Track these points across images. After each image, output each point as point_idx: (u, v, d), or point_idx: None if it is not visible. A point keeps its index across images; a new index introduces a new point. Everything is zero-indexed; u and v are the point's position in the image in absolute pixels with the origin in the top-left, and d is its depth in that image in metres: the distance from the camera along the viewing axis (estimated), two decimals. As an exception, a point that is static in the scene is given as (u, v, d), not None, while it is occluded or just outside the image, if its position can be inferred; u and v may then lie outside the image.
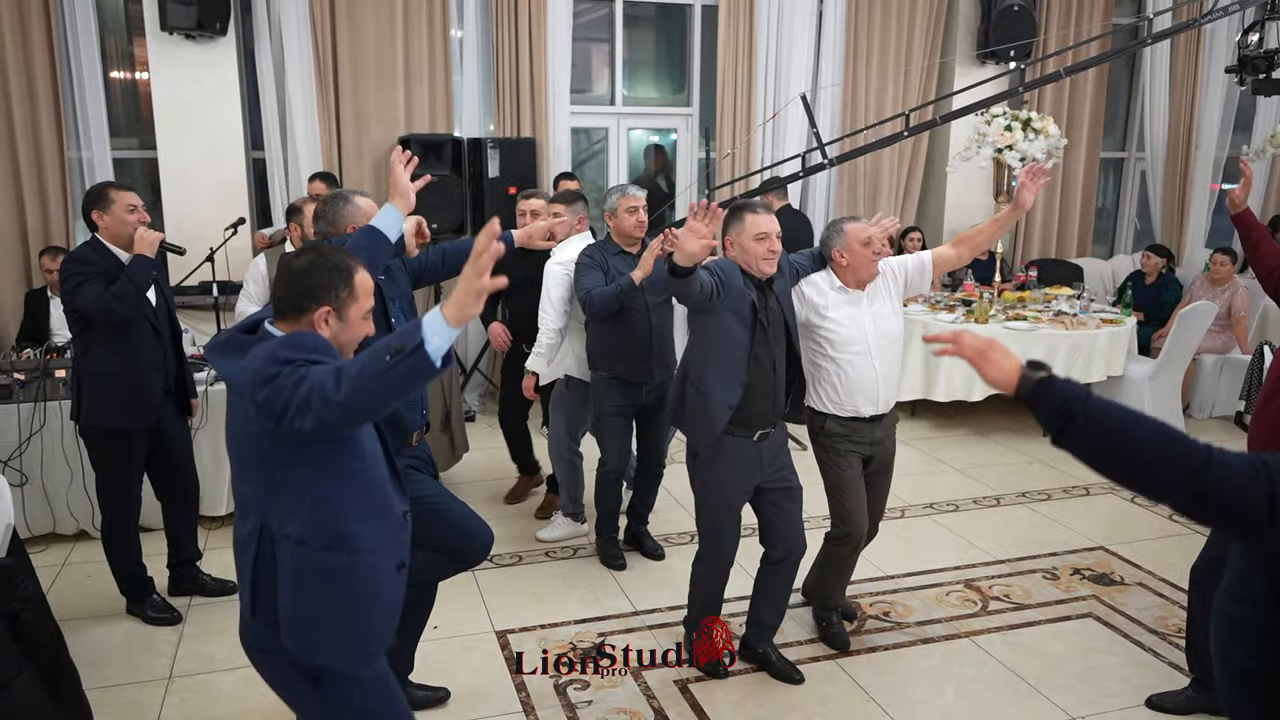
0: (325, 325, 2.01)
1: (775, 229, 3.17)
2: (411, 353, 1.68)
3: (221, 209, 5.94)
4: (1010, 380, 1.62)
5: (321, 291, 2.00)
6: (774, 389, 3.25)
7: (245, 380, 1.87)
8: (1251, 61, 4.89)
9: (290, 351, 1.87)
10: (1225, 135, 8.25)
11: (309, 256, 2.05)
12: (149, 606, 3.82)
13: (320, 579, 2.01)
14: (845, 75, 7.28)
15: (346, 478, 2.01)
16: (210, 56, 6.07)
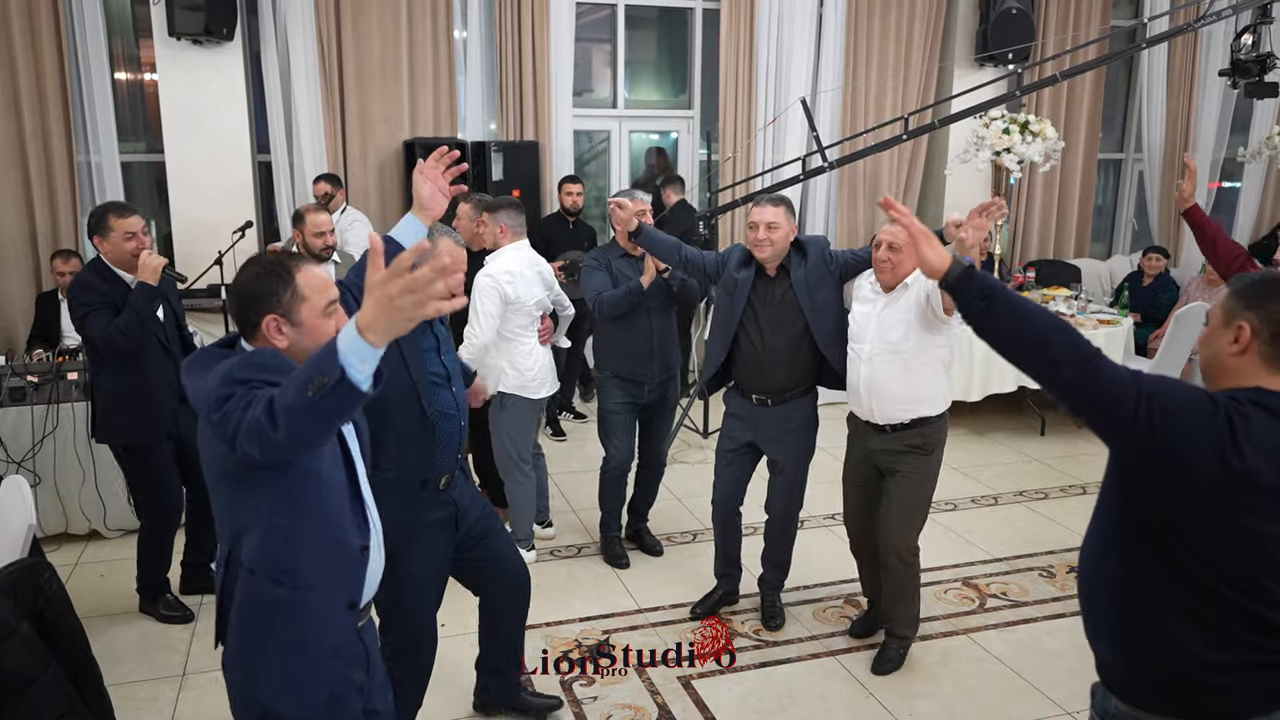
0: (279, 334, 1.92)
1: (764, 219, 3.46)
2: (335, 386, 1.53)
3: (228, 212, 6.02)
4: (945, 262, 1.83)
5: (262, 300, 1.91)
6: (762, 363, 3.57)
7: (202, 400, 1.81)
8: (1245, 65, 4.97)
9: (245, 371, 1.79)
10: (1223, 136, 8.32)
11: (246, 268, 1.98)
12: (162, 605, 3.89)
13: (264, 612, 1.92)
14: (845, 79, 7.35)
15: (299, 508, 1.90)
16: (217, 61, 6.14)
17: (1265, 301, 1.73)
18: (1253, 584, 1.68)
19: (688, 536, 4.71)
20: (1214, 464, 1.62)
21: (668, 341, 4.29)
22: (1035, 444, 6.19)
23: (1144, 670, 1.78)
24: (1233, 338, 1.75)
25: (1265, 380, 1.73)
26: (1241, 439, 1.62)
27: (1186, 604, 1.71)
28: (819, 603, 4.05)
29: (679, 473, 5.57)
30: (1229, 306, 1.78)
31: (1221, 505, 1.65)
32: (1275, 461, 1.63)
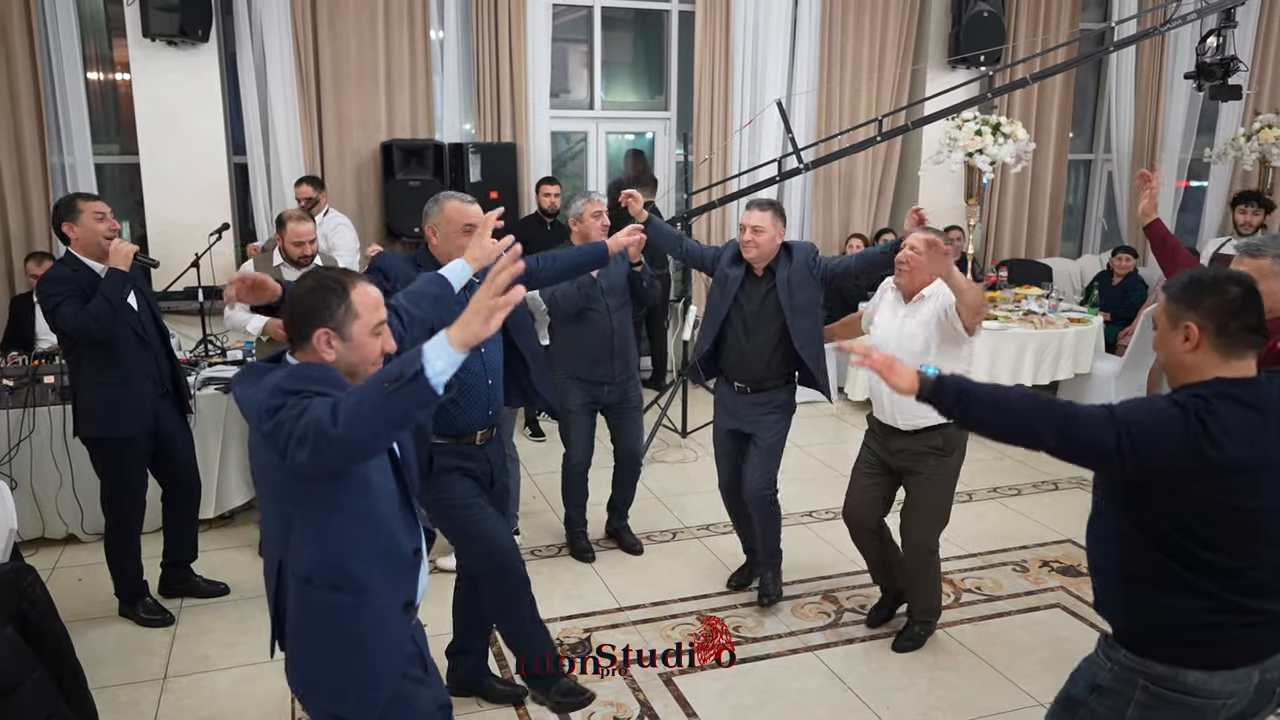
0: (329, 348, 1.95)
1: (750, 223, 3.67)
2: (410, 380, 1.60)
3: (204, 214, 5.99)
4: (914, 384, 1.94)
5: (316, 313, 1.94)
6: (744, 356, 3.80)
7: (253, 411, 1.84)
8: (1209, 68, 5.08)
9: (295, 383, 1.83)
10: (1189, 137, 8.47)
11: (304, 280, 2.01)
12: (142, 608, 3.89)
13: (324, 619, 1.97)
14: (820, 81, 7.42)
15: (354, 516, 1.96)
16: (192, 62, 6.12)
17: (1201, 299, 1.89)
18: (1247, 552, 1.88)
19: (667, 535, 4.75)
20: (1197, 465, 1.80)
21: (627, 342, 4.35)
22: (1008, 441, 6.28)
23: (1150, 631, 1.96)
24: (1183, 337, 1.90)
25: (1222, 369, 1.89)
26: (1216, 434, 1.79)
27: (1187, 582, 1.89)
28: (797, 599, 4.10)
29: (658, 472, 5.61)
30: (1171, 311, 1.93)
31: (1213, 495, 1.84)
32: (1250, 444, 1.82)
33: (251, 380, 1.93)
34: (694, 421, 6.27)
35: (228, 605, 4.04)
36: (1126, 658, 1.98)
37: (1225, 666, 1.90)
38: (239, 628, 3.84)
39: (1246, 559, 1.88)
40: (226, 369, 4.86)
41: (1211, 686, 1.90)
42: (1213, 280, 1.91)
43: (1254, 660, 1.92)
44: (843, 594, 4.15)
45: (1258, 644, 1.93)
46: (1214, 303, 1.88)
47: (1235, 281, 1.91)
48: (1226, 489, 1.83)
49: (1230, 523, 1.86)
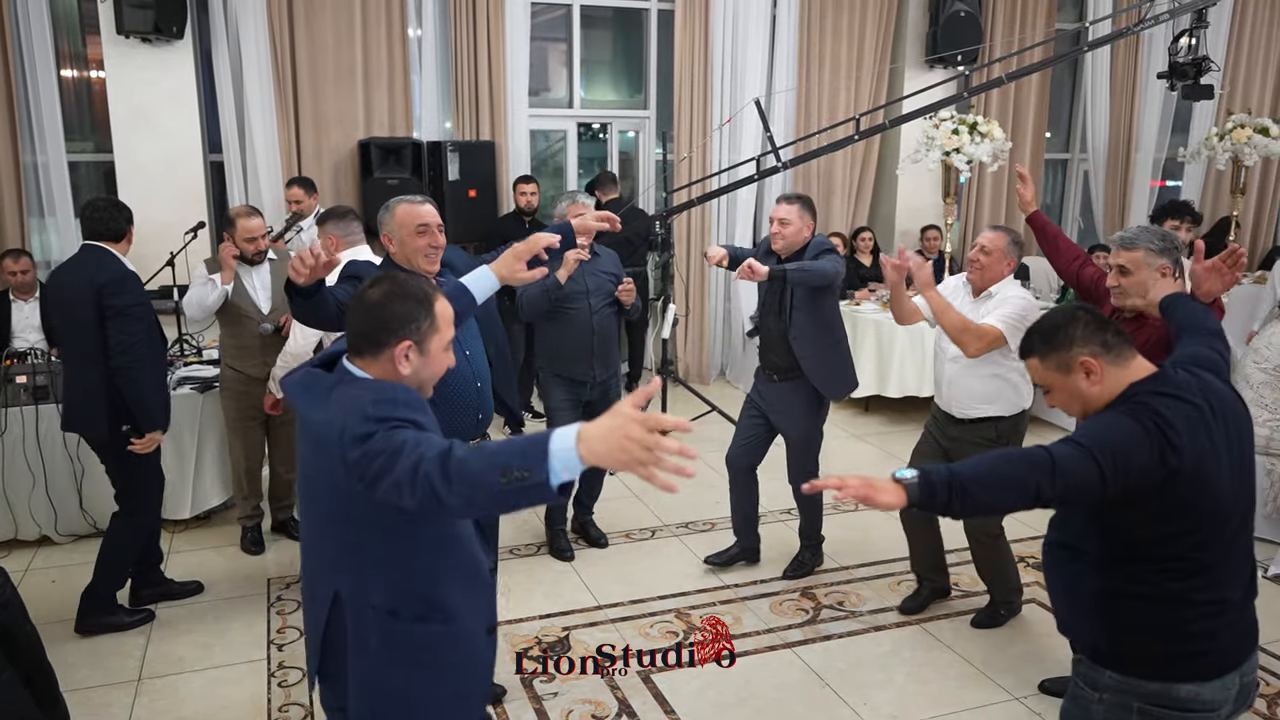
0: (406, 361, 1.84)
1: (778, 215, 3.91)
2: (532, 486, 1.48)
3: (180, 212, 5.94)
4: (900, 496, 1.83)
5: (401, 324, 1.82)
6: (768, 339, 4.07)
7: (333, 435, 1.71)
8: (1181, 68, 5.13)
9: (383, 409, 1.70)
10: (1164, 137, 8.55)
11: (385, 286, 1.87)
12: (124, 613, 3.83)
13: (414, 652, 1.87)
14: (798, 79, 7.44)
15: (441, 544, 1.88)
16: (167, 59, 6.07)
17: (1071, 335, 1.97)
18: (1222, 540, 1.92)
19: (646, 534, 4.76)
20: (1163, 468, 1.84)
21: (609, 342, 4.35)
22: (986, 438, 6.32)
23: (1137, 650, 1.95)
24: (1085, 374, 1.97)
25: (1127, 377, 1.96)
26: (1172, 435, 1.84)
27: (1172, 592, 1.91)
28: (775, 596, 4.12)
29: (637, 470, 5.60)
30: (1054, 362, 1.98)
31: (1180, 492, 1.86)
32: (1194, 433, 1.87)
33: (317, 394, 1.83)
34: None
35: (203, 606, 4.01)
36: (1113, 679, 1.96)
37: (1214, 676, 1.92)
38: (214, 629, 3.82)
39: (1223, 549, 1.92)
40: (202, 368, 4.83)
41: (1204, 697, 1.91)
42: (1063, 318, 2.00)
43: (1236, 666, 1.95)
44: (821, 591, 4.17)
45: (1239, 645, 1.96)
46: (1081, 331, 1.96)
47: (1076, 310, 2.03)
48: (1189, 486, 1.86)
49: (1200, 515, 1.88)
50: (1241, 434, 1.99)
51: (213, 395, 4.62)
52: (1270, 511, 4.49)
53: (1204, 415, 1.90)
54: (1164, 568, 1.90)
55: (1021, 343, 2.07)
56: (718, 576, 4.28)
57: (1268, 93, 8.70)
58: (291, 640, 3.74)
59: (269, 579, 4.25)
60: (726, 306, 7.67)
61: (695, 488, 5.33)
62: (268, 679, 3.47)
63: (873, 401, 6.70)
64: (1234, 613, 1.95)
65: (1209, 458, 1.88)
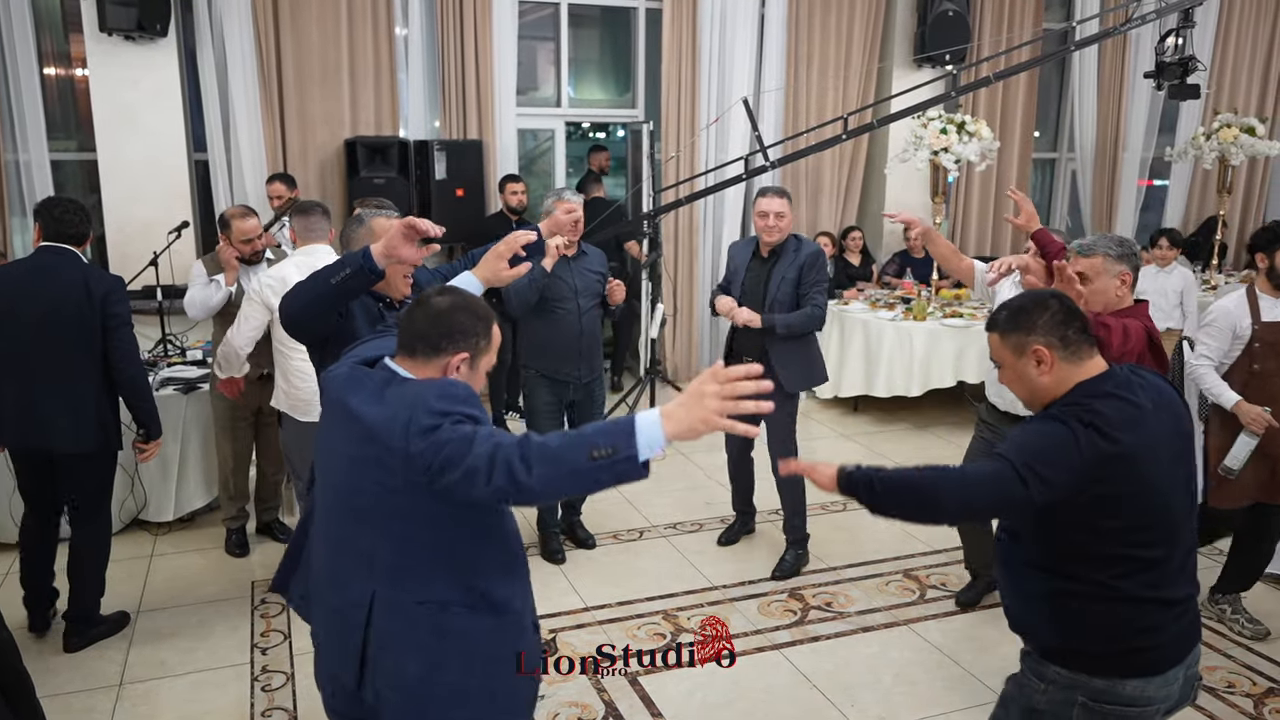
0: (456, 372, 1.85)
1: (773, 209, 4.06)
2: (622, 460, 1.55)
3: (164, 211, 5.90)
4: (832, 480, 1.99)
5: (463, 336, 1.85)
6: (751, 332, 4.13)
7: (394, 429, 1.71)
8: (1168, 67, 5.14)
9: (445, 403, 1.72)
10: (1151, 136, 8.57)
11: (452, 296, 1.89)
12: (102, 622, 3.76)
13: (465, 645, 1.85)
14: (786, 78, 7.42)
15: (490, 534, 1.88)
16: (150, 57, 6.02)
17: (1034, 321, 1.97)
18: (1168, 538, 1.93)
19: (634, 535, 4.74)
20: (1096, 463, 1.84)
21: (594, 342, 4.34)
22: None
23: (1085, 647, 1.96)
24: (1035, 362, 1.97)
25: (1079, 374, 1.96)
26: (1107, 429, 1.85)
27: (1122, 591, 1.90)
28: (763, 597, 4.10)
29: (625, 471, 5.58)
30: (1012, 342, 2.00)
31: (1119, 487, 1.87)
32: (1135, 430, 1.89)
33: (368, 391, 1.82)
34: (662, 420, 6.25)
35: (186, 610, 3.97)
36: (1059, 674, 1.97)
37: (1158, 671, 1.93)
38: (197, 633, 3.78)
39: (1167, 545, 1.93)
40: (185, 369, 4.79)
41: (1149, 693, 1.92)
42: (1033, 302, 2.00)
43: (1180, 660, 1.96)
44: (809, 592, 4.16)
45: (1184, 640, 1.97)
46: (1046, 320, 1.96)
47: (1049, 297, 2.01)
48: (1127, 480, 1.87)
49: (1141, 510, 1.90)
50: (1181, 432, 2.00)
51: (196, 396, 4.58)
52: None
53: (1143, 413, 1.91)
54: (1109, 565, 1.91)
55: (990, 316, 2.09)
56: (705, 578, 4.26)
57: (1254, 92, 8.73)
58: (275, 644, 3.70)
59: (253, 582, 4.21)
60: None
61: (682, 489, 5.33)
62: (251, 683, 3.44)
63: (861, 401, 6.70)
64: (1179, 608, 1.96)
65: (1146, 453, 1.89)
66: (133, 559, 4.40)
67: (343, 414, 1.87)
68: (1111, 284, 2.86)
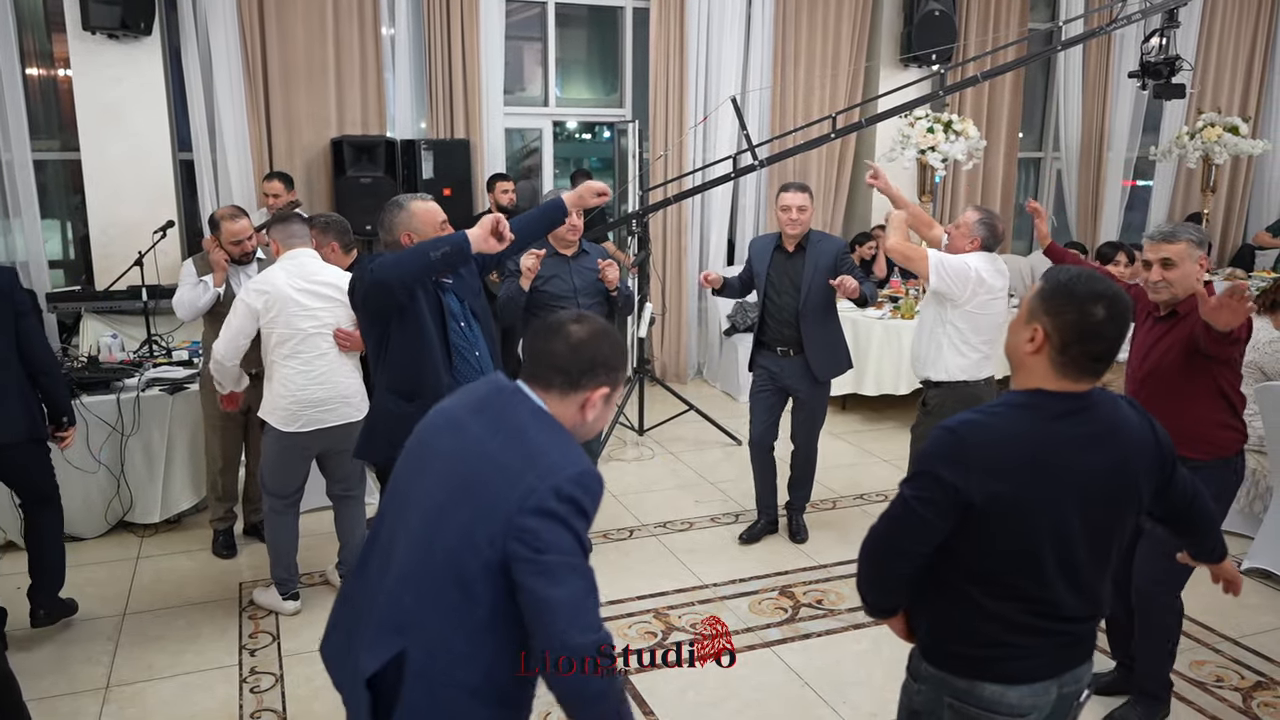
0: (593, 407, 1.74)
1: (796, 203, 4.27)
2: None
3: (149, 212, 5.86)
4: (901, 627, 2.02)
5: (609, 370, 1.72)
6: (779, 317, 4.38)
7: (511, 480, 1.60)
8: (1154, 67, 5.17)
9: (577, 493, 1.62)
10: (1135, 136, 8.63)
11: (594, 325, 1.74)
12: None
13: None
14: (774, 78, 7.44)
15: (523, 631, 1.69)
16: (134, 56, 5.97)
17: (1062, 311, 1.77)
18: (1042, 580, 1.82)
19: (624, 533, 4.73)
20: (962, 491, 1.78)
21: None
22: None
23: (946, 645, 1.92)
24: (1029, 336, 1.81)
25: (1050, 383, 1.81)
26: (969, 461, 1.77)
27: (986, 607, 1.85)
28: (754, 595, 4.10)
29: (616, 470, 5.58)
30: (1033, 305, 1.82)
31: (990, 527, 1.79)
32: (1054, 453, 1.78)
33: (489, 416, 1.71)
34: (651, 419, 6.25)
35: (173, 611, 3.94)
36: (928, 670, 1.94)
37: (1022, 681, 1.85)
38: (185, 635, 3.75)
39: (1044, 587, 1.81)
40: (172, 369, 4.75)
41: (1009, 700, 1.84)
42: (1085, 294, 1.77)
43: (1053, 675, 1.86)
44: (800, 590, 4.16)
45: (1061, 658, 1.88)
46: (1072, 319, 1.76)
47: (1107, 302, 1.76)
48: (998, 519, 1.77)
49: (1021, 553, 1.79)
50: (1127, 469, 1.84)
51: (182, 397, 4.55)
52: (1243, 506, 4.53)
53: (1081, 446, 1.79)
54: (980, 583, 1.83)
55: (1062, 268, 1.89)
56: (696, 576, 4.26)
57: (1236, 92, 8.80)
58: (264, 645, 3.68)
59: (241, 583, 4.18)
60: (702, 305, 7.66)
61: (673, 488, 5.33)
62: (240, 685, 3.42)
63: (850, 400, 6.71)
64: (1057, 635, 1.86)
65: (1045, 489, 1.77)
66: (119, 561, 4.37)
67: (446, 433, 1.74)
68: (1194, 269, 2.86)
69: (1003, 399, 1.85)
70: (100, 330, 5.44)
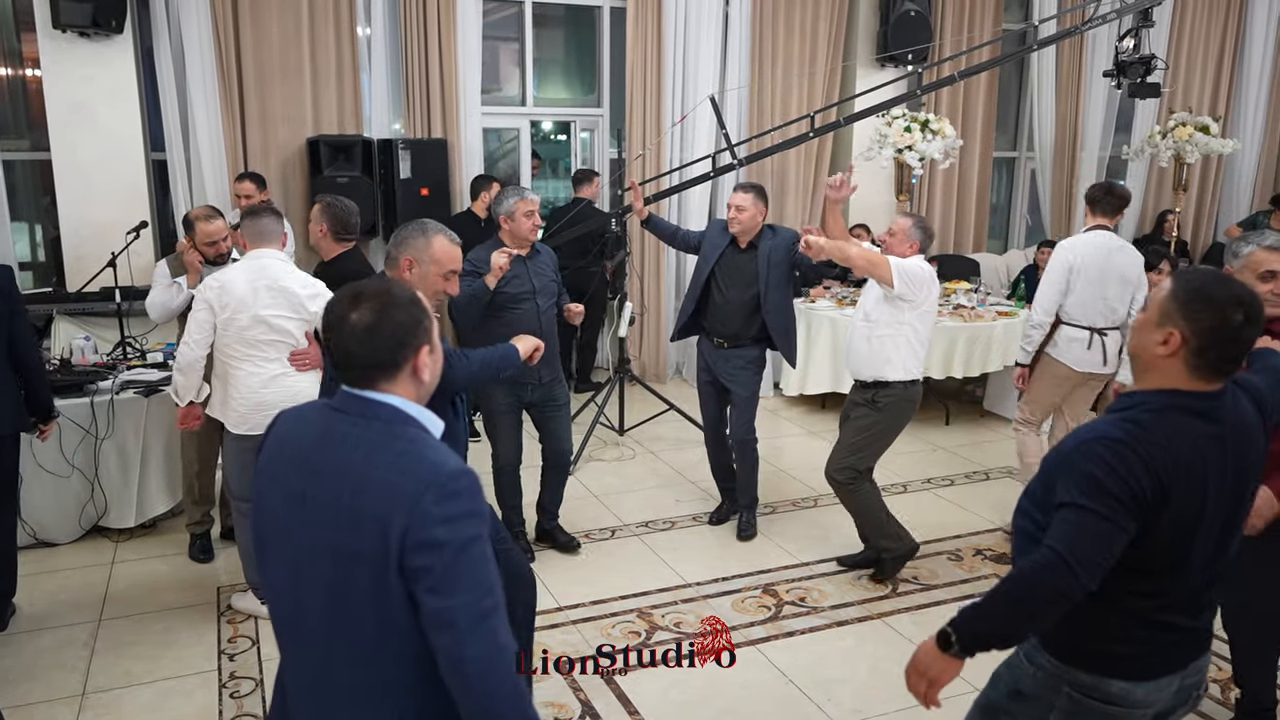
0: (424, 368, 1.64)
1: (734, 203, 4.39)
2: None
3: (121, 212, 5.77)
4: (955, 661, 1.87)
5: (413, 331, 1.62)
6: (721, 310, 4.49)
7: (394, 503, 1.49)
8: (1130, 66, 5.22)
9: (448, 506, 1.49)
10: (1108, 136, 8.72)
11: (372, 301, 1.60)
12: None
13: None
14: (751, 77, 7.45)
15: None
16: (106, 55, 5.89)
17: (1200, 316, 1.77)
18: (1186, 568, 1.84)
19: (606, 533, 4.72)
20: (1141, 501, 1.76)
21: (553, 343, 4.23)
22: (940, 433, 6.39)
23: (1078, 641, 1.90)
24: (1162, 339, 1.81)
25: (1184, 383, 1.82)
26: (1152, 461, 1.76)
27: (1123, 602, 1.84)
28: (737, 593, 4.10)
29: (597, 470, 5.57)
30: (1166, 307, 1.81)
31: (1163, 518, 1.78)
32: (1199, 452, 1.79)
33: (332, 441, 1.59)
34: (631, 419, 6.24)
35: (150, 617, 3.88)
36: (1050, 663, 1.94)
37: (1149, 677, 1.88)
38: (162, 640, 3.70)
39: (1185, 583, 1.86)
40: (146, 371, 4.69)
41: (1135, 696, 1.88)
42: (1224, 299, 1.78)
43: (1177, 669, 1.90)
44: (782, 587, 4.16)
45: (1183, 653, 1.92)
46: (1210, 325, 1.77)
47: (1245, 307, 1.78)
48: (1173, 510, 1.79)
49: (1168, 551, 1.82)
50: (1245, 465, 1.89)
51: (157, 399, 4.49)
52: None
53: (1213, 444, 1.82)
54: (1123, 580, 1.82)
55: (1191, 270, 1.90)
56: (679, 575, 4.25)
57: (1206, 91, 8.91)
58: (243, 650, 3.63)
59: (219, 587, 4.13)
60: (680, 306, 7.65)
61: (653, 487, 5.33)
62: (219, 690, 3.37)
63: (829, 399, 6.73)
64: (1188, 631, 1.91)
65: (1196, 486, 1.80)
66: (93, 566, 4.30)
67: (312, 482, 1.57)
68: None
69: (1135, 400, 1.85)
70: (73, 332, 5.35)
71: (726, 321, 4.49)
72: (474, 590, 1.47)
